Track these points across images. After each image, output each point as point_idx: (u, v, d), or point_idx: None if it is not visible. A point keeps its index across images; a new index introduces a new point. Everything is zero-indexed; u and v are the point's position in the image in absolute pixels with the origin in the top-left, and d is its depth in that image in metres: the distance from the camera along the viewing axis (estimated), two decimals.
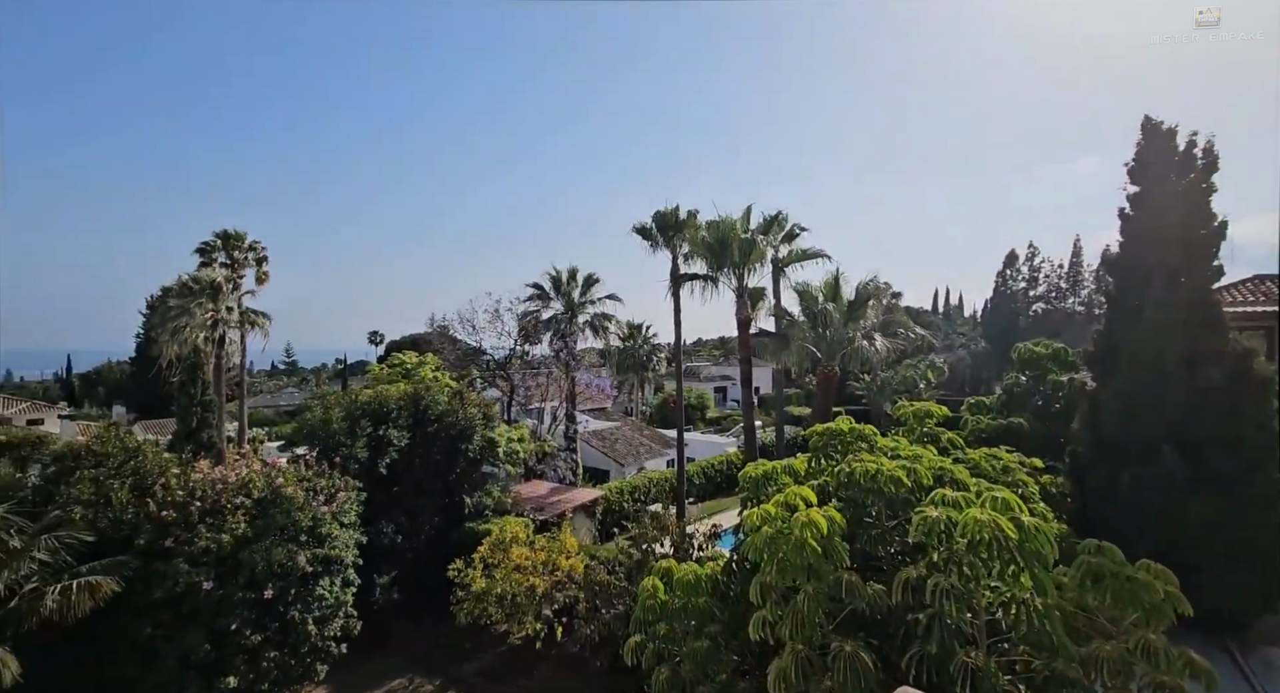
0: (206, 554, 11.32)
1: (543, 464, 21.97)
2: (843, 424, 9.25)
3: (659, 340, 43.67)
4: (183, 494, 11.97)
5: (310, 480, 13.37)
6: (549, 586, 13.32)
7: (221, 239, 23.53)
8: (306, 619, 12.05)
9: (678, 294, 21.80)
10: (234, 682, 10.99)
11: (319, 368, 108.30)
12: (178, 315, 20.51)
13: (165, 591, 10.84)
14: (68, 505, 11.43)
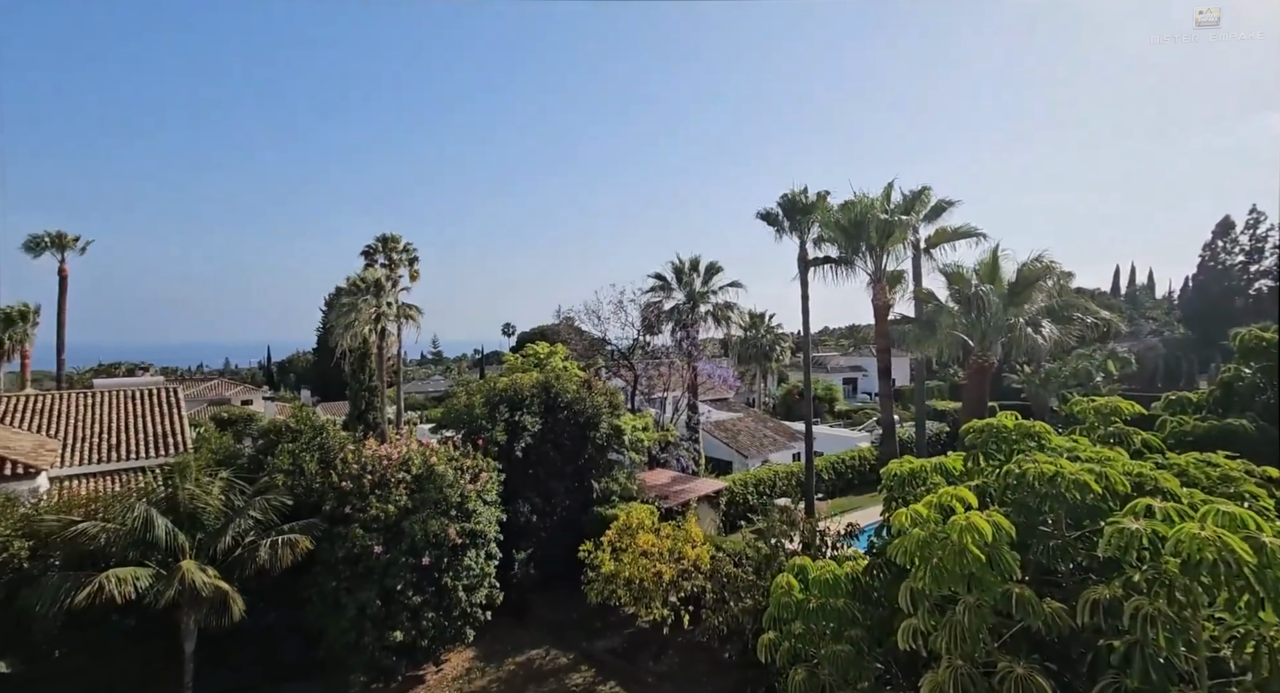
0: (376, 522, 12.78)
1: (665, 453, 22.17)
2: (1007, 420, 8.20)
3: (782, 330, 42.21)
4: (357, 468, 13.60)
5: (458, 460, 14.59)
6: (675, 573, 13.40)
7: (381, 242, 26.43)
8: (457, 586, 13.20)
9: (805, 281, 20.77)
10: (400, 636, 12.33)
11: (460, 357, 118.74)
12: (348, 311, 23.41)
13: (346, 551, 12.40)
14: (273, 473, 13.48)
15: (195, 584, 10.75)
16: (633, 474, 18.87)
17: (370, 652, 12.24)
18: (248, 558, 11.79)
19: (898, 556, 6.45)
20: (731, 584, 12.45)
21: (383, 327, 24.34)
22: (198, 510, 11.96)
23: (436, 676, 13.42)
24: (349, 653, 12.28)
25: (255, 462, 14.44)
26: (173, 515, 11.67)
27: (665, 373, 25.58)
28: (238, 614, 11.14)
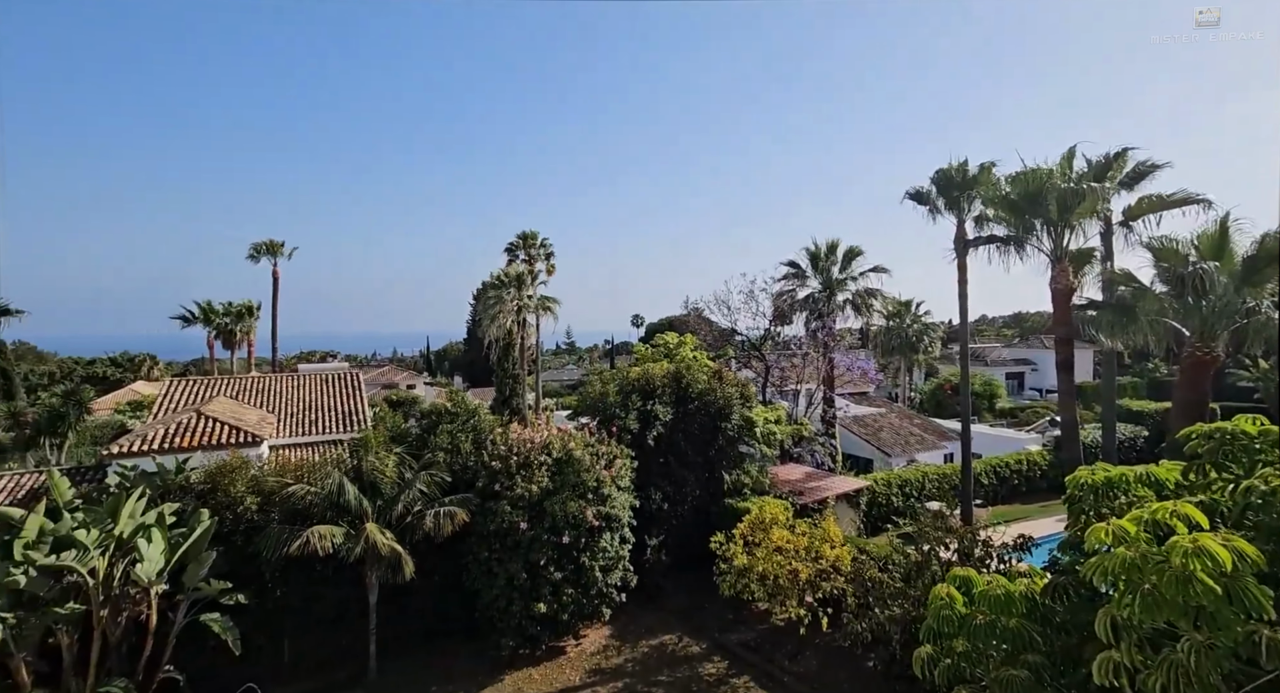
0: (521, 500, 13.69)
1: (799, 448, 21.30)
2: (1247, 425, 6.64)
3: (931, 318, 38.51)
4: (504, 449, 14.67)
5: (593, 446, 15.17)
6: (812, 573, 12.81)
7: (522, 239, 28.24)
8: (594, 566, 13.77)
9: (963, 265, 18.67)
10: (543, 608, 13.14)
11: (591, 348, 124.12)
12: (494, 303, 25.36)
13: (496, 525, 13.46)
14: (435, 451, 14.98)
15: (376, 544, 12.29)
16: (764, 468, 18.37)
17: (518, 619, 13.21)
18: (416, 525, 13.25)
19: (1094, 576, 5.52)
20: (876, 590, 11.61)
21: (523, 318, 26.06)
22: (377, 480, 13.63)
23: (576, 649, 14.12)
24: (500, 617, 13.38)
25: (420, 440, 16.13)
26: (358, 484, 13.42)
27: (798, 365, 24.53)
28: (409, 573, 12.56)
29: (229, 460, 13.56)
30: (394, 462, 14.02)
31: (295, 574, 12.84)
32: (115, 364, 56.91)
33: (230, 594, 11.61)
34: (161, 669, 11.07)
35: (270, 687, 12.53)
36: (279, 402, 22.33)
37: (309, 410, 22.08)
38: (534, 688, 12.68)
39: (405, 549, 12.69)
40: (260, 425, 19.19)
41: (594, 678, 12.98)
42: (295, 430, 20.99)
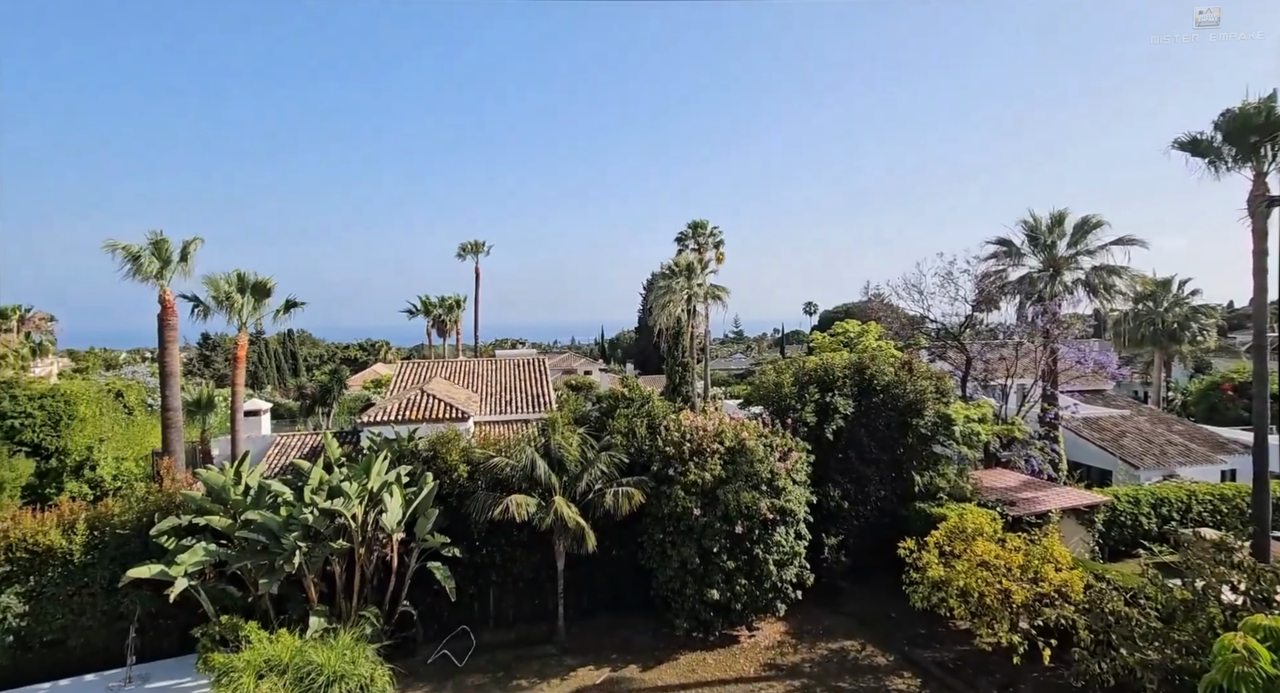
0: (695, 486, 13.78)
1: (1009, 451, 18.45)
2: None
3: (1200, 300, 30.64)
4: (678, 435, 14.88)
5: (767, 437, 14.70)
6: (1029, 596, 10.99)
7: (692, 228, 28.38)
8: (768, 559, 13.38)
9: (1262, 231, 14.45)
10: (716, 595, 13.13)
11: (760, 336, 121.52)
12: (664, 293, 25.87)
13: (670, 509, 13.74)
14: (613, 434, 15.75)
15: (564, 517, 13.30)
16: (965, 471, 16.26)
17: (691, 602, 13.39)
18: (597, 502, 14.07)
19: None
20: (1122, 627, 9.58)
21: (693, 307, 26.23)
22: (563, 458, 14.73)
23: (750, 640, 13.92)
24: (674, 598, 13.68)
25: (599, 423, 17.09)
26: (547, 460, 14.63)
27: (1008, 356, 21.18)
28: (591, 547, 13.40)
29: (445, 433, 15.67)
30: (577, 442, 15.01)
31: (497, 536, 14.46)
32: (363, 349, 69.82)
33: (449, 548, 13.44)
34: (400, 603, 13.23)
35: (479, 632, 14.32)
36: (480, 383, 25.37)
37: (504, 392, 24.73)
38: (708, 672, 12.76)
39: (588, 524, 13.57)
40: (468, 403, 21.97)
41: (769, 672, 12.66)
42: (493, 409, 23.68)
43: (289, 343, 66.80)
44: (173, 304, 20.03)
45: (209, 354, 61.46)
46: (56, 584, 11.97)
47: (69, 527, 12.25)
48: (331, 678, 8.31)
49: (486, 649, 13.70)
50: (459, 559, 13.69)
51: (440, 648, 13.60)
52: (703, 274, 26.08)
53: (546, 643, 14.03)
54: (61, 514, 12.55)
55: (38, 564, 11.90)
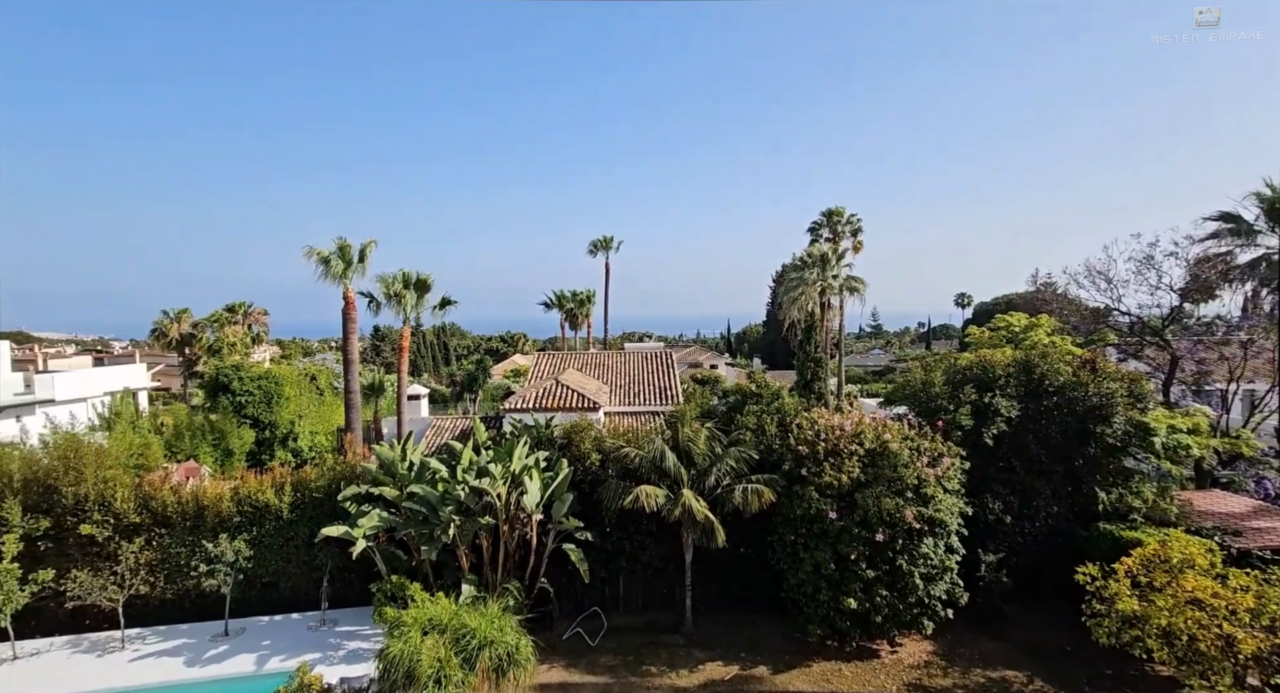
0: (830, 488, 13.07)
1: (1231, 470, 15.25)
2: None
3: None
4: (811, 434, 14.20)
5: (913, 440, 13.52)
6: (1265, 647, 8.99)
7: (826, 216, 26.88)
8: (913, 572, 12.32)
9: None
10: (853, 604, 12.37)
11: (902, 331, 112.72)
12: (795, 285, 24.80)
13: (803, 510, 13.17)
14: (742, 430, 15.43)
15: (692, 509, 13.29)
16: (1168, 491, 13.73)
17: (826, 609, 12.74)
18: (725, 498, 13.87)
19: None
20: None
21: (826, 299, 24.88)
22: (691, 451, 14.72)
23: (891, 656, 12.96)
24: (806, 602, 13.12)
25: (726, 418, 16.83)
26: (675, 452, 14.70)
27: (1233, 356, 17.42)
28: (720, 542, 13.25)
29: (578, 422, 16.36)
30: (705, 436, 14.91)
31: (627, 524, 14.84)
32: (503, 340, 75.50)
33: (582, 531, 14.04)
34: (538, 580, 14.09)
35: (609, 615, 14.83)
36: (610, 375, 26.19)
37: (632, 384, 25.31)
38: (844, 683, 12.07)
39: (716, 519, 13.43)
40: (599, 394, 22.78)
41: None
42: (622, 400, 24.34)
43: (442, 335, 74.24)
44: (353, 300, 23.02)
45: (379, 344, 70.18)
46: (271, 535, 14.32)
47: (280, 488, 14.58)
48: (483, 642, 9.05)
49: (616, 632, 14.14)
50: (591, 543, 14.25)
51: (574, 626, 14.29)
52: (838, 265, 24.63)
53: (674, 633, 14.15)
54: (274, 477, 14.97)
55: (258, 517, 14.31)
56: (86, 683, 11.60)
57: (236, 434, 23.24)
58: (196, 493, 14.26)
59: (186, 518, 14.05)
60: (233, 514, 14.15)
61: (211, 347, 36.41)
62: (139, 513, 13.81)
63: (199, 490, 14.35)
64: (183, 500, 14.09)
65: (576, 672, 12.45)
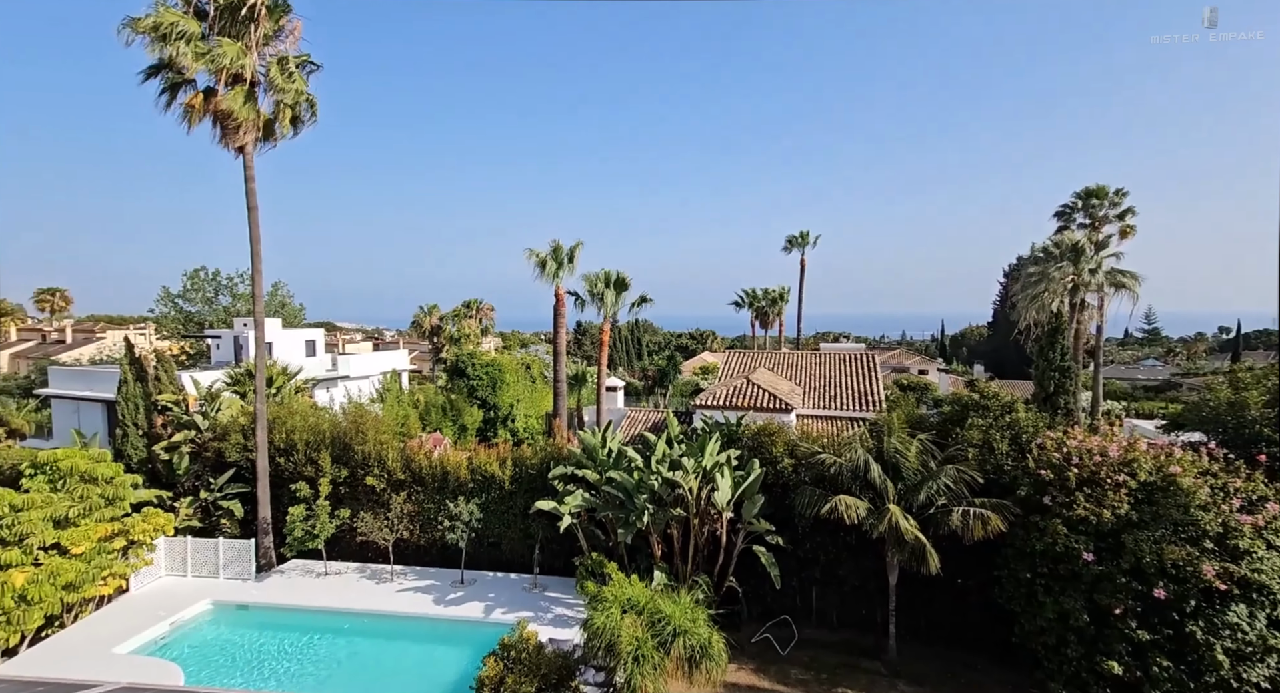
0: (1084, 525, 10.79)
1: None
2: None
3: None
4: (1058, 457, 11.88)
5: (1217, 477, 10.51)
6: None
7: (1081, 197, 22.34)
8: (1213, 644, 9.56)
9: None
10: (1117, 668, 10.02)
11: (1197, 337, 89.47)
12: (1036, 281, 20.99)
13: (1043, 545, 11.07)
14: (962, 445, 13.53)
15: (899, 527, 12.01)
16: None
17: (1074, 667, 10.56)
18: (940, 519, 12.29)
19: None
20: None
21: (1080, 298, 20.65)
22: (898, 463, 13.32)
23: None
24: (1047, 655, 11.04)
25: (941, 429, 14.91)
26: (880, 463, 13.45)
27: None
28: (933, 568, 11.77)
29: (770, 423, 15.88)
30: (916, 448, 13.39)
31: (822, 534, 14.01)
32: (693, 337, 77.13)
33: (773, 535, 13.60)
34: (727, 578, 14.00)
35: (800, 625, 14.16)
36: (803, 376, 25.03)
37: (828, 386, 23.86)
38: None
39: (929, 538, 11.97)
40: (790, 395, 21.92)
41: None
42: (816, 403, 23.08)
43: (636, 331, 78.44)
44: (563, 298, 25.36)
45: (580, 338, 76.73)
46: (496, 503, 16.42)
47: (503, 462, 16.64)
48: (677, 630, 9.22)
49: (808, 645, 13.44)
50: (782, 549, 13.74)
51: (763, 631, 13.92)
52: (1097, 256, 20.26)
53: (873, 658, 12.99)
54: (498, 453, 17.13)
55: (486, 486, 16.50)
56: (368, 603, 14.52)
57: (469, 412, 27.21)
58: (442, 460, 16.96)
59: (435, 480, 16.77)
60: (467, 481, 16.52)
61: (452, 337, 43.23)
62: (403, 472, 16.87)
63: (444, 458, 17.04)
64: (433, 465, 16.87)
65: (766, 679, 12.10)
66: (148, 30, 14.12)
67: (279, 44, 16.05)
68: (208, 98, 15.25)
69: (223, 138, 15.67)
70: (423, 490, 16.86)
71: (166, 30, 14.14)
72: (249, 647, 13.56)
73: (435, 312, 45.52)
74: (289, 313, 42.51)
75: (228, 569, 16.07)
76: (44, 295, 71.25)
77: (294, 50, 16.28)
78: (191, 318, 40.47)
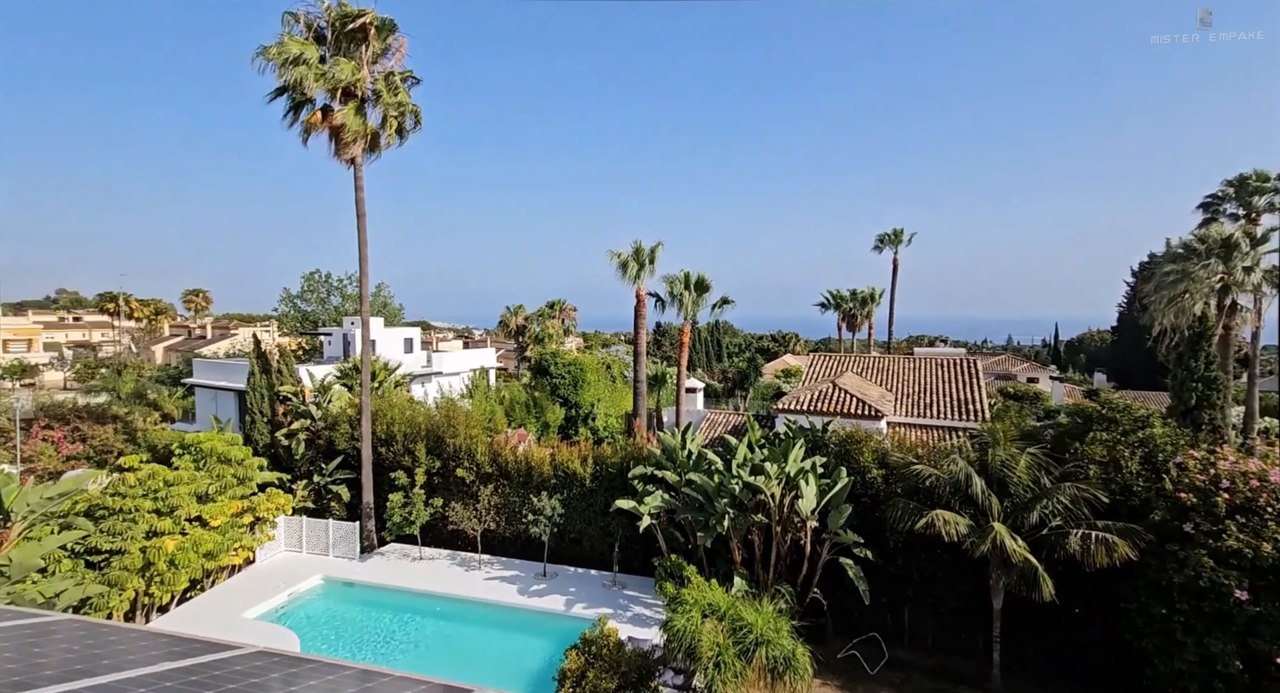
0: (1236, 557, 9.44)
1: None
2: None
3: None
4: (1203, 480, 10.48)
5: None
6: None
7: (1234, 186, 19.61)
8: None
9: None
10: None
11: None
12: (1175, 281, 18.66)
13: (1183, 578, 9.81)
14: (1083, 462, 12.24)
15: (1005, 549, 11.04)
16: None
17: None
18: (1055, 542, 11.20)
19: None
20: None
21: (1232, 299, 18.13)
22: (1005, 479, 12.26)
23: None
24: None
25: (1056, 443, 13.58)
26: (984, 477, 12.43)
27: None
28: (1047, 594, 10.72)
29: (856, 430, 15.12)
30: (1026, 463, 12.27)
31: (916, 550, 13.15)
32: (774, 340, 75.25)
33: (861, 548, 12.93)
34: (811, 590, 13.46)
35: (890, 645, 13.36)
36: (895, 382, 23.66)
37: (923, 393, 22.42)
38: None
39: (1040, 562, 10.90)
40: (880, 402, 20.79)
41: None
42: (910, 411, 21.74)
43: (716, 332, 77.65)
44: (644, 299, 25.50)
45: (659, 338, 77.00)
46: (577, 499, 16.75)
47: (584, 460, 16.94)
48: (759, 639, 8.96)
49: (899, 667, 12.66)
50: (871, 563, 13.03)
51: (850, 647, 13.27)
52: (1254, 252, 17.68)
53: (974, 687, 12.02)
54: (580, 450, 17.46)
55: (568, 482, 16.87)
56: (459, 589, 15.27)
57: (552, 410, 27.99)
58: (527, 455, 17.53)
59: (520, 474, 17.37)
60: (550, 477, 16.96)
61: (536, 336, 44.73)
62: (491, 466, 17.59)
63: (528, 453, 17.61)
64: (518, 460, 17.47)
65: None
66: (276, 58, 15.61)
67: (386, 61, 17.25)
68: (325, 114, 16.64)
69: (336, 150, 17.03)
70: (508, 484, 17.49)
71: (291, 56, 15.58)
72: (354, 621, 14.65)
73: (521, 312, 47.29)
74: (390, 312, 45.70)
75: (336, 548, 17.46)
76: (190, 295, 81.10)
77: (400, 66, 17.44)
78: (307, 316, 44.52)
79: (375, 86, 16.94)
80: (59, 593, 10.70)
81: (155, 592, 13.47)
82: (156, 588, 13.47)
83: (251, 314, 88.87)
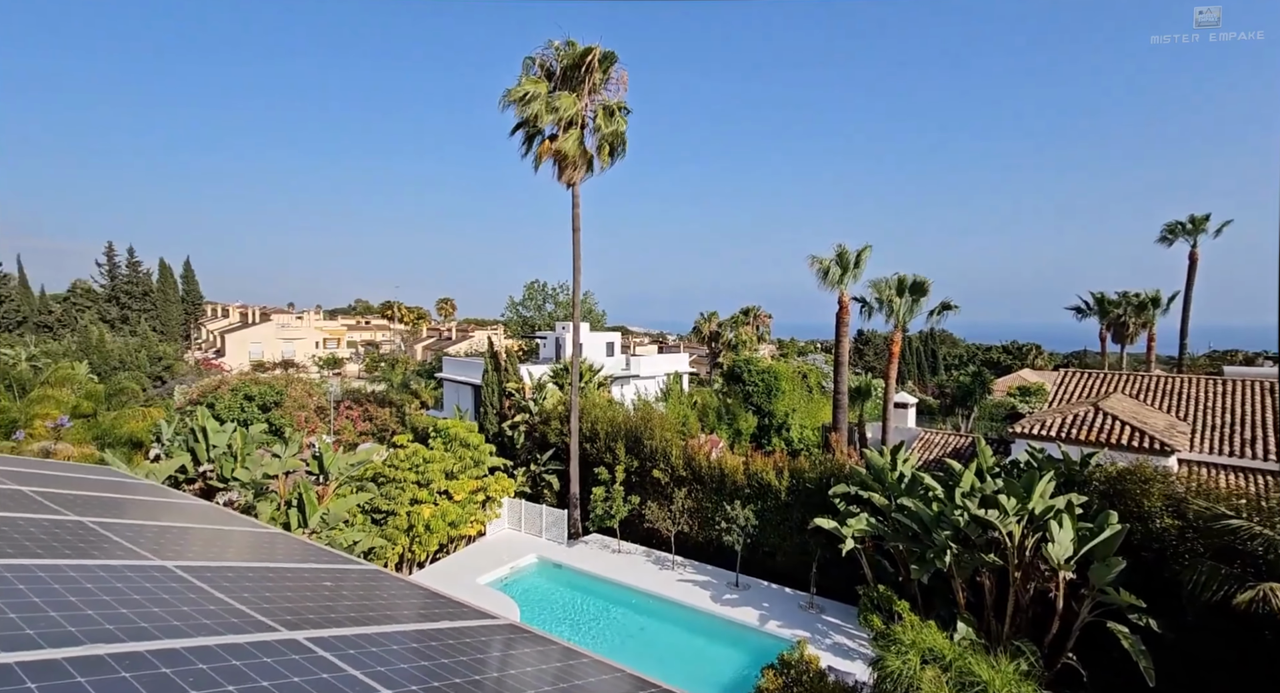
0: None
1: None
2: None
3: None
4: None
5: None
6: None
7: None
8: None
9: None
10: None
11: None
12: None
13: None
14: None
15: None
16: None
17: None
18: None
19: None
20: None
21: None
22: None
23: None
24: None
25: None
26: None
27: None
28: None
29: (1137, 467, 12.06)
30: None
31: (1228, 622, 9.99)
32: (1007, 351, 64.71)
33: (1141, 614, 10.23)
34: (1064, 654, 11.04)
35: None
36: (1192, 408, 18.50)
37: (1239, 425, 17.14)
38: None
39: None
40: (1169, 433, 16.40)
41: None
42: (1217, 447, 16.77)
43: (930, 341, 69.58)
44: (848, 305, 23.76)
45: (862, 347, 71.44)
46: (771, 511, 16.13)
47: (779, 472, 16.26)
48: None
49: None
50: (1155, 634, 10.22)
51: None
52: None
53: None
54: (774, 461, 16.81)
55: (762, 493, 16.35)
56: (654, 586, 15.73)
57: (744, 418, 27.55)
58: (720, 462, 17.42)
59: (713, 480, 17.32)
60: (744, 485, 16.61)
61: (730, 342, 44.63)
62: (685, 469, 17.86)
63: (721, 460, 17.48)
64: (711, 466, 17.45)
65: None
66: (517, 99, 17.93)
67: (606, 91, 18.73)
68: (551, 142, 18.63)
69: (559, 174, 18.94)
70: (701, 489, 17.56)
71: (527, 95, 17.77)
72: (562, 601, 15.98)
73: (714, 318, 47.68)
74: (594, 318, 49.63)
75: (548, 532, 19.29)
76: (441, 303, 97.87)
77: (621, 95, 18.82)
78: (527, 322, 50.48)
79: (595, 117, 18.49)
80: (356, 542, 13.48)
81: (416, 549, 16.24)
82: (417, 547, 16.23)
83: (484, 318, 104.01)
